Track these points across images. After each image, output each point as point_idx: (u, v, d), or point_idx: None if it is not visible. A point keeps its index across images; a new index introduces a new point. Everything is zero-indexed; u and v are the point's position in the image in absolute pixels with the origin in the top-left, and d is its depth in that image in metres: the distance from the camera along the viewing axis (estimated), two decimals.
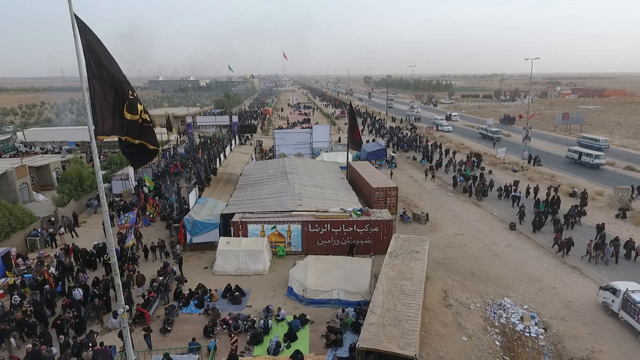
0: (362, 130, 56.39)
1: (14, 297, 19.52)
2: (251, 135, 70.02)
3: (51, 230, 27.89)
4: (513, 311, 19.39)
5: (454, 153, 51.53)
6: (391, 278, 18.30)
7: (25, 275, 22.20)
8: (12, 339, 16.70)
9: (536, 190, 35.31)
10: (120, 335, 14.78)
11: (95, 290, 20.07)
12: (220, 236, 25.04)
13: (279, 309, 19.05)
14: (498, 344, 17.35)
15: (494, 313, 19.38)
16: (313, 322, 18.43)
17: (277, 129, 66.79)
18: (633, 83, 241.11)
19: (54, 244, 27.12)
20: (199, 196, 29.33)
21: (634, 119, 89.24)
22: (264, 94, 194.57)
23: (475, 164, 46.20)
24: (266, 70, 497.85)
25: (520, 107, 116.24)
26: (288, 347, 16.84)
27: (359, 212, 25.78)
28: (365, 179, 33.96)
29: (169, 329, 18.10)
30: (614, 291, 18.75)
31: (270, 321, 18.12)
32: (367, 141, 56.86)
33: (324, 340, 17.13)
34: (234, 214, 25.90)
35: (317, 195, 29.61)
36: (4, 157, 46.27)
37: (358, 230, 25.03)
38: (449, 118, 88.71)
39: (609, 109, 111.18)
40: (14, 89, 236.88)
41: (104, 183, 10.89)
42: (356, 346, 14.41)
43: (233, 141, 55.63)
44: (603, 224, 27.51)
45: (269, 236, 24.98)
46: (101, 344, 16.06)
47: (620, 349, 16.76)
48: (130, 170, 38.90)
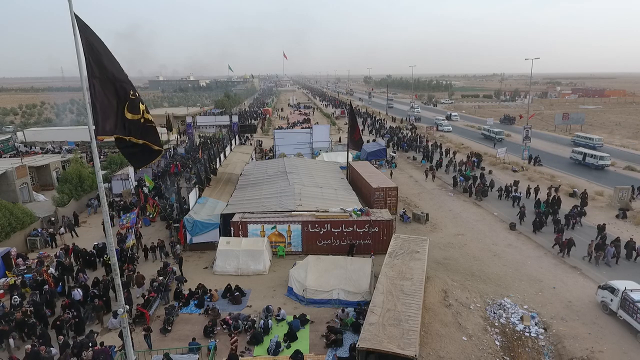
0: (362, 130, 56.38)
1: (13, 297, 19.52)
2: (251, 135, 70.02)
3: (51, 230, 27.89)
4: (513, 311, 19.38)
5: (454, 153, 51.51)
6: (391, 278, 18.30)
7: (25, 275, 22.19)
8: (11, 340, 16.66)
9: (536, 190, 35.32)
10: (121, 335, 14.78)
11: (95, 291, 20.05)
12: (220, 236, 25.04)
13: (279, 309, 19.06)
14: (498, 344, 17.35)
15: (494, 313, 19.38)
16: (313, 322, 18.43)
17: (277, 129, 66.76)
18: (633, 83, 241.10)
19: (54, 244, 27.12)
20: (199, 196, 29.33)
21: (634, 119, 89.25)
22: (264, 94, 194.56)
23: (476, 164, 46.21)
24: (266, 70, 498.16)
25: (520, 107, 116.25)
26: (288, 347, 16.84)
27: (359, 212, 25.78)
28: (365, 179, 33.96)
29: (169, 329, 18.10)
30: (612, 290, 18.77)
31: (270, 321, 18.12)
32: (367, 141, 56.84)
33: (324, 340, 17.13)
34: (234, 214, 25.90)
35: (317, 195, 29.61)
36: (4, 157, 46.28)
37: (358, 230, 25.04)
38: (449, 118, 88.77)
39: (609, 109, 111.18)
40: (14, 89, 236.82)
41: (104, 183, 10.88)
42: (356, 346, 14.40)
43: (233, 141, 55.63)
44: (604, 224, 27.52)
45: (269, 236, 24.99)
46: (101, 343, 16.07)
47: (620, 349, 16.77)
48: (130, 170, 38.90)
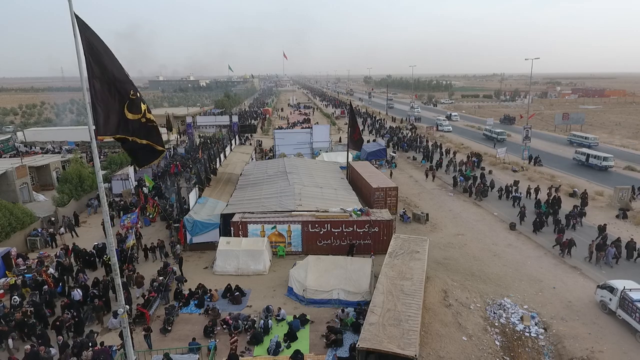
0: (362, 131, 56.38)
1: (13, 297, 19.51)
2: (251, 135, 70.00)
3: (51, 230, 27.89)
4: (513, 311, 19.38)
5: (454, 153, 51.52)
6: (391, 278, 18.29)
7: (26, 275, 22.17)
8: (10, 340, 16.61)
9: (537, 190, 35.29)
10: (121, 335, 14.78)
11: (95, 291, 20.04)
12: (220, 236, 25.04)
13: (279, 309, 19.06)
14: (498, 344, 17.35)
15: (494, 313, 19.38)
16: (313, 322, 18.43)
17: (277, 129, 66.78)
18: (633, 83, 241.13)
19: (54, 244, 27.12)
20: (199, 196, 29.33)
21: (634, 119, 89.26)
22: (264, 94, 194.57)
23: (476, 164, 46.21)
24: (266, 70, 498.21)
25: (520, 107, 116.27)
26: (288, 347, 16.83)
27: (359, 212, 25.78)
28: (365, 179, 33.96)
29: (169, 328, 18.10)
30: (611, 290, 18.79)
31: (270, 321, 18.12)
32: (368, 141, 56.87)
33: (324, 340, 17.13)
34: (234, 214, 25.90)
35: (317, 195, 29.60)
36: (4, 157, 46.28)
37: (358, 230, 25.04)
38: (449, 118, 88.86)
39: (609, 109, 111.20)
40: (14, 89, 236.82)
41: (104, 183, 10.88)
42: (356, 346, 14.40)
43: (233, 141, 55.65)
44: (605, 224, 27.50)
45: (269, 236, 24.98)
46: (101, 343, 16.07)
47: (620, 349, 16.77)
48: (130, 170, 38.91)
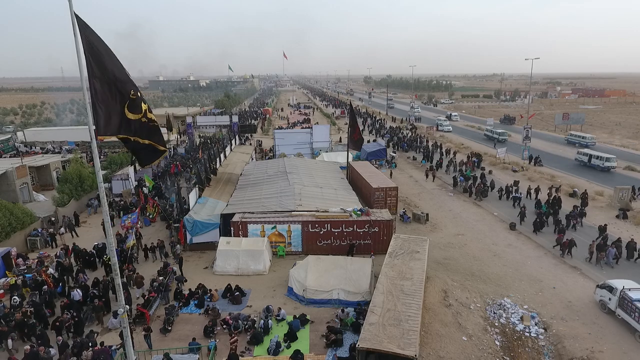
0: (362, 131, 56.43)
1: (13, 298, 19.50)
2: (251, 135, 70.02)
3: (51, 230, 27.90)
4: (513, 311, 19.38)
5: (454, 153, 51.52)
6: (391, 278, 18.29)
7: (26, 275, 22.17)
8: (10, 340, 16.60)
9: (537, 190, 35.27)
10: (121, 335, 14.78)
11: (95, 291, 20.04)
12: (220, 236, 25.04)
13: (279, 309, 19.06)
14: (498, 344, 17.35)
15: (494, 313, 19.38)
16: (313, 322, 18.43)
17: (277, 129, 66.75)
18: (633, 83, 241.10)
19: (54, 244, 27.12)
20: (199, 196, 29.33)
21: (634, 119, 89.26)
22: (264, 94, 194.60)
23: (476, 164, 46.20)
24: (266, 70, 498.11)
25: (521, 107, 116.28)
26: (288, 347, 16.84)
27: (359, 212, 25.78)
28: (366, 179, 33.96)
29: (169, 328, 18.11)
30: (610, 289, 18.79)
31: (270, 321, 18.12)
32: (368, 141, 56.88)
33: (324, 340, 17.13)
34: (234, 214, 25.90)
35: (317, 195, 29.60)
36: (4, 157, 46.31)
37: (358, 230, 25.04)
38: (449, 118, 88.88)
39: (609, 109, 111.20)
40: (14, 89, 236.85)
41: (104, 183, 10.89)
42: (356, 346, 14.40)
43: (233, 141, 55.65)
44: (606, 225, 27.47)
45: (269, 236, 24.99)
46: (101, 343, 16.07)
47: (620, 349, 16.76)
48: (130, 170, 38.92)
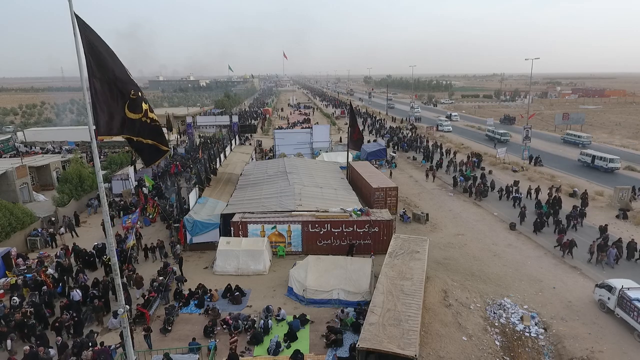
0: (362, 131, 56.42)
1: (12, 298, 19.49)
2: (251, 135, 70.01)
3: (51, 230, 27.90)
4: (513, 311, 19.38)
5: (454, 153, 51.50)
6: (391, 278, 18.29)
7: (26, 275, 22.15)
8: (9, 341, 16.59)
9: (537, 190, 35.25)
10: (121, 335, 14.77)
11: (95, 292, 20.03)
12: (220, 236, 25.04)
13: (279, 309, 19.06)
14: (498, 344, 17.35)
15: (494, 313, 19.38)
16: (313, 322, 18.43)
17: (277, 129, 66.76)
18: (633, 83, 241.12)
19: (54, 244, 27.13)
20: (199, 196, 29.33)
21: (634, 119, 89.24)
22: (264, 94, 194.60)
23: (476, 164, 46.20)
24: (266, 70, 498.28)
25: (521, 107, 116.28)
26: (288, 347, 16.84)
27: (359, 212, 25.78)
28: (365, 179, 33.96)
29: (169, 329, 18.11)
30: (609, 289, 18.81)
31: (270, 321, 18.12)
32: (368, 141, 56.87)
33: (324, 340, 17.13)
34: (234, 214, 25.90)
35: (317, 195, 29.60)
36: (4, 157, 46.31)
37: (358, 230, 25.03)
38: (449, 118, 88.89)
39: (609, 109, 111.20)
40: (14, 89, 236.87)
41: (104, 183, 10.89)
42: (356, 346, 14.40)
43: (233, 141, 55.64)
44: (606, 225, 27.42)
45: (269, 236, 24.99)
46: (101, 343, 16.07)
47: (620, 349, 16.76)
48: (130, 170, 38.93)
